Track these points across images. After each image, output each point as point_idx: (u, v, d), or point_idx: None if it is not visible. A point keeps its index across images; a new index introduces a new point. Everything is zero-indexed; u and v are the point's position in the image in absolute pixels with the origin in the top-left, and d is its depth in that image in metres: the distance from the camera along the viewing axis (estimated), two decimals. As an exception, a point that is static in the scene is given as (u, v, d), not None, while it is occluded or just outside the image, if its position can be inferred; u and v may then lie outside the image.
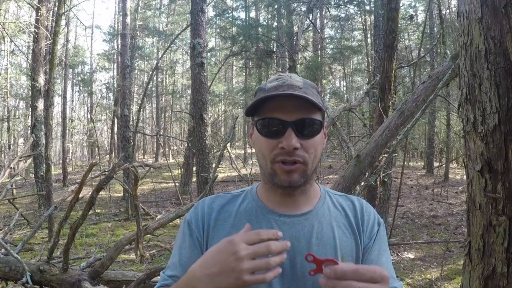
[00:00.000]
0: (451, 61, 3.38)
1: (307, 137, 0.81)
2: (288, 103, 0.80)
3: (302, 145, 0.80)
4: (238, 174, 9.12)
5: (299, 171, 0.81)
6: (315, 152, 0.83)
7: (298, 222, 0.85)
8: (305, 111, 0.81)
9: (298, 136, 0.80)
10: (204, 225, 0.88)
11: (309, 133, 0.81)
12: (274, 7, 11.87)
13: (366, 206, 0.93)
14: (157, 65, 12.39)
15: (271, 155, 0.82)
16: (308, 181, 0.85)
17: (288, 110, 0.80)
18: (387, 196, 5.65)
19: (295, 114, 0.80)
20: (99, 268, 3.01)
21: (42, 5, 8.41)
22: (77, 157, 29.34)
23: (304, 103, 0.80)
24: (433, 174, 13.00)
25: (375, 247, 0.87)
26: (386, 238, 0.92)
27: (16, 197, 7.95)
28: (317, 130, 0.82)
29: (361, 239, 0.87)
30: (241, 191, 0.95)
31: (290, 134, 0.79)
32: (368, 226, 0.89)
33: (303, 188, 0.86)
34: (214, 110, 22.13)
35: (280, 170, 0.81)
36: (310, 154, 0.81)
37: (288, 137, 0.78)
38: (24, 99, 18.56)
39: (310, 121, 0.81)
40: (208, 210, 0.89)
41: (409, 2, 17.00)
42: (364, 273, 0.61)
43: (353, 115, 8.13)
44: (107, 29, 29.28)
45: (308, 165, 0.82)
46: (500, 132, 1.42)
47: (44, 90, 8.23)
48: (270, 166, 0.83)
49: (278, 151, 0.80)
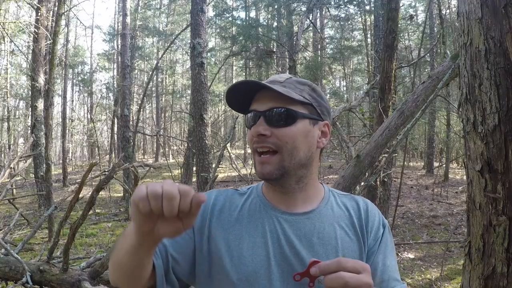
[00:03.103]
0: (451, 61, 3.38)
1: (278, 126, 0.82)
2: (264, 95, 0.84)
3: (273, 133, 0.81)
4: (238, 174, 9.13)
5: (273, 162, 0.82)
6: (293, 143, 0.82)
7: (299, 221, 0.85)
8: (280, 102, 0.82)
9: (269, 124, 0.82)
10: (207, 214, 0.87)
11: (278, 121, 0.82)
12: (274, 7, 11.86)
13: (371, 208, 0.92)
14: (157, 65, 12.38)
15: (251, 146, 0.86)
16: (289, 175, 0.84)
17: (263, 101, 0.84)
18: (387, 196, 5.65)
19: (268, 104, 0.83)
20: (99, 268, 3.01)
21: (42, 5, 8.41)
22: (77, 157, 29.32)
23: (279, 95, 0.82)
24: (433, 174, 12.99)
25: (381, 250, 0.87)
26: (391, 240, 0.91)
27: (16, 197, 7.94)
28: (291, 121, 0.82)
29: (365, 241, 0.86)
30: (248, 188, 0.96)
31: (261, 122, 0.82)
32: (373, 228, 0.88)
33: (294, 185, 0.86)
34: (214, 110, 22.13)
35: (256, 162, 0.84)
36: (284, 143, 0.81)
37: (258, 125, 0.82)
38: (24, 99, 18.56)
39: (283, 110, 0.82)
40: (214, 201, 0.90)
41: (409, 2, 17.02)
42: (346, 261, 0.64)
43: (353, 115, 8.13)
44: (107, 29, 29.22)
45: (283, 155, 0.82)
46: (500, 132, 1.42)
47: (44, 90, 8.23)
48: (254, 157, 0.86)
49: (254, 139, 0.84)
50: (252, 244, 0.83)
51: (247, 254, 0.82)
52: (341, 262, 0.63)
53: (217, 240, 0.84)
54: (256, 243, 0.83)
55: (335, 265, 0.63)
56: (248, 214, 0.87)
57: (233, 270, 0.81)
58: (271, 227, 0.84)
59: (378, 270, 0.84)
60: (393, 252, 0.89)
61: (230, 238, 0.84)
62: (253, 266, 0.81)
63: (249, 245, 0.83)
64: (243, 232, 0.84)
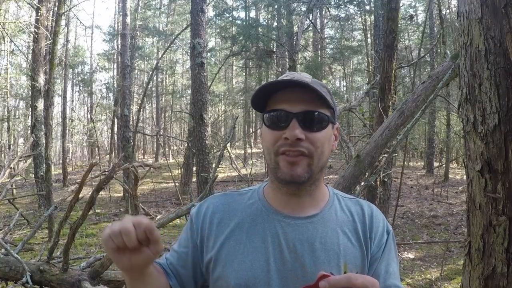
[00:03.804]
0: (451, 61, 3.38)
1: (313, 130, 0.80)
2: (294, 95, 0.80)
3: (307, 138, 0.79)
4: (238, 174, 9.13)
5: (303, 165, 0.79)
6: (322, 147, 0.81)
7: (302, 225, 0.84)
8: (312, 104, 0.80)
9: (303, 128, 0.79)
10: (205, 224, 0.88)
11: (314, 126, 0.80)
12: (274, 7, 11.86)
13: (376, 213, 0.90)
14: (157, 65, 12.38)
15: (274, 147, 0.81)
16: (313, 179, 0.83)
17: (294, 102, 0.80)
18: (387, 196, 5.65)
19: (301, 106, 0.80)
20: (99, 268, 3.01)
21: (42, 5, 8.40)
22: (77, 157, 29.32)
23: (311, 96, 0.80)
24: (433, 174, 12.99)
25: (384, 257, 0.86)
26: (395, 247, 0.90)
27: (16, 197, 7.94)
28: (323, 125, 0.81)
29: (368, 247, 0.85)
30: (248, 190, 0.94)
31: (295, 124, 0.78)
32: (377, 234, 0.87)
33: (308, 188, 0.85)
34: (214, 110, 22.13)
35: (283, 162, 0.80)
36: (316, 148, 0.80)
37: (292, 128, 0.78)
38: (24, 99, 18.56)
39: (316, 114, 0.80)
40: (212, 211, 0.89)
41: (409, 2, 17.02)
42: (356, 278, 0.63)
43: (353, 115, 8.12)
44: (107, 29, 29.26)
45: (313, 159, 0.80)
46: (500, 132, 1.42)
47: (44, 90, 8.23)
48: (274, 158, 0.81)
49: (281, 142, 0.80)
50: (253, 249, 0.82)
51: (247, 260, 0.82)
52: (351, 278, 0.63)
53: (218, 246, 0.85)
54: (256, 248, 0.82)
55: (345, 281, 0.63)
56: (249, 219, 0.86)
57: (232, 276, 0.81)
58: (272, 232, 0.83)
59: (380, 277, 0.83)
60: (396, 259, 0.89)
61: (231, 243, 0.84)
62: (252, 271, 0.80)
63: (249, 250, 0.82)
64: (243, 237, 0.84)
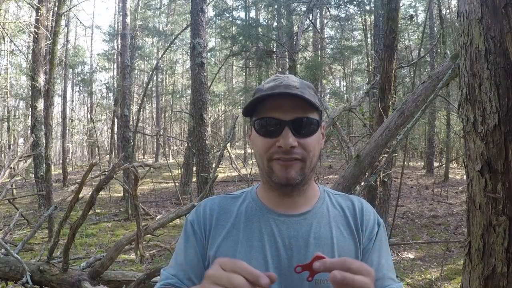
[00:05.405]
0: (451, 61, 3.38)
1: (304, 136, 0.82)
2: (285, 102, 0.81)
3: (299, 144, 0.81)
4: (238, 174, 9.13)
5: (296, 168, 0.82)
6: (314, 151, 0.83)
7: (296, 222, 0.86)
8: (302, 110, 0.82)
9: (295, 135, 0.80)
10: (206, 226, 0.89)
11: (306, 132, 0.82)
12: (274, 7, 11.86)
13: (366, 206, 0.93)
14: (157, 65, 12.37)
15: (267, 154, 0.83)
16: (306, 180, 0.85)
17: (284, 110, 0.81)
18: (387, 196, 5.65)
19: (292, 113, 0.81)
20: (99, 268, 3.01)
21: (42, 5, 8.41)
22: (77, 157, 29.33)
23: (301, 103, 0.81)
24: (433, 174, 12.99)
25: (375, 248, 0.87)
26: (386, 239, 0.92)
27: (16, 197, 7.94)
28: (314, 130, 0.83)
29: (360, 240, 0.87)
30: (241, 192, 0.96)
31: (287, 133, 0.80)
32: (368, 226, 0.89)
33: (301, 188, 0.87)
34: (214, 110, 22.13)
35: (278, 166, 0.82)
36: (308, 152, 0.82)
37: (285, 136, 0.79)
38: (24, 99, 18.55)
39: (307, 120, 0.82)
40: (210, 211, 0.91)
41: (409, 2, 17.03)
42: (351, 262, 0.62)
43: (353, 115, 8.12)
44: (107, 29, 29.22)
45: (306, 163, 0.83)
46: (500, 132, 1.42)
47: (44, 90, 8.23)
48: (267, 164, 0.83)
49: (275, 149, 0.81)
50: (249, 248, 0.84)
51: (244, 259, 0.81)
52: (346, 262, 0.63)
53: (216, 248, 0.86)
54: (253, 247, 0.84)
55: (340, 264, 0.63)
56: (244, 218, 0.88)
57: None
58: (268, 230, 0.85)
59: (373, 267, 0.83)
60: (388, 251, 0.90)
61: (228, 244, 0.85)
62: None
63: (246, 250, 0.84)
64: (240, 237, 0.86)
